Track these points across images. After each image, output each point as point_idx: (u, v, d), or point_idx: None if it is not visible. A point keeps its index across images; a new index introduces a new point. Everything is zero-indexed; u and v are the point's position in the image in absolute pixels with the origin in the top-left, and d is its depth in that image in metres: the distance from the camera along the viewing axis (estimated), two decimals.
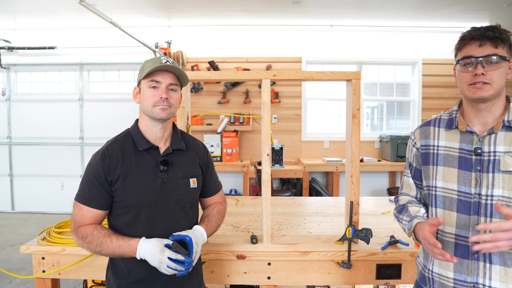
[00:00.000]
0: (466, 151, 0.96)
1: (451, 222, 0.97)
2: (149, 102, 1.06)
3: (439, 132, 1.03)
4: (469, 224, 0.94)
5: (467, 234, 0.94)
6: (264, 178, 1.39)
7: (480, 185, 0.93)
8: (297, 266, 1.42)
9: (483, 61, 0.90)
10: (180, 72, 1.09)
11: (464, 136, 0.98)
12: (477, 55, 0.91)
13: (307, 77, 1.39)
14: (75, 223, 1.05)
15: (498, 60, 0.90)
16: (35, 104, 4.52)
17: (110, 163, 1.05)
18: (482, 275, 0.92)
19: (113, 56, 4.38)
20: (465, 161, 0.96)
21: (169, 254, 0.99)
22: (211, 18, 4.10)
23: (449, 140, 1.00)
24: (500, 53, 0.90)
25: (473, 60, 0.91)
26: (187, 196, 1.11)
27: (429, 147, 1.04)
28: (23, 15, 3.99)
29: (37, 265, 1.42)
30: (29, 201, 4.54)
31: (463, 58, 0.93)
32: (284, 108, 4.43)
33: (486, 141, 0.94)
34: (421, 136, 1.07)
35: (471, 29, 0.93)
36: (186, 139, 1.19)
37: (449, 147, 0.99)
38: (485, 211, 0.92)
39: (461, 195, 0.95)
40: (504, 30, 0.92)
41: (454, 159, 0.97)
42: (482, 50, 0.90)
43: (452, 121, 1.01)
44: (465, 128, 0.97)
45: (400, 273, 1.40)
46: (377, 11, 3.81)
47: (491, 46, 0.90)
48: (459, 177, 0.96)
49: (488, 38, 0.90)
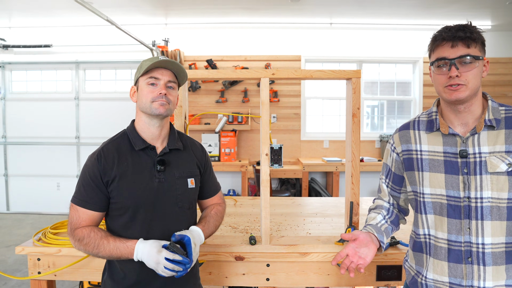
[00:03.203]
0: (451, 154, 0.94)
1: (442, 227, 0.96)
2: (147, 99, 1.04)
3: (420, 136, 1.01)
4: (460, 229, 0.93)
5: (460, 239, 0.93)
6: (263, 178, 1.38)
7: (469, 188, 0.92)
8: (296, 268, 1.41)
9: (457, 62, 0.89)
10: (178, 69, 1.08)
11: (447, 138, 0.96)
12: (450, 56, 0.90)
13: (306, 76, 1.38)
14: (71, 225, 1.04)
15: (471, 60, 0.89)
16: (30, 103, 4.48)
17: (106, 163, 1.04)
18: (477, 277, 0.92)
19: (110, 54, 4.35)
20: (451, 165, 0.94)
21: (166, 255, 0.97)
22: (209, 16, 4.08)
23: (432, 143, 0.98)
24: (473, 53, 0.89)
25: (446, 62, 0.90)
26: (185, 197, 1.10)
27: (412, 152, 1.02)
28: (19, 13, 3.96)
29: (32, 267, 1.41)
30: (25, 201, 4.51)
31: (437, 60, 0.92)
32: (283, 107, 4.41)
33: (470, 142, 0.93)
34: (401, 141, 1.05)
35: (442, 29, 0.92)
36: (184, 139, 1.18)
37: (433, 151, 0.97)
38: (476, 214, 0.91)
39: (450, 199, 0.94)
40: (475, 28, 0.91)
41: (439, 163, 0.96)
42: (455, 51, 0.89)
43: (433, 123, 0.99)
44: (447, 130, 0.95)
45: (401, 275, 1.39)
46: (377, 9, 3.80)
47: (463, 46, 0.89)
48: (447, 181, 0.94)
49: (460, 38, 0.88)
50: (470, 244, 0.92)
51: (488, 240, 0.91)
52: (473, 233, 0.91)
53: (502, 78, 4.40)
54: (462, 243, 0.93)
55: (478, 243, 0.91)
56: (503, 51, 4.40)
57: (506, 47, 4.41)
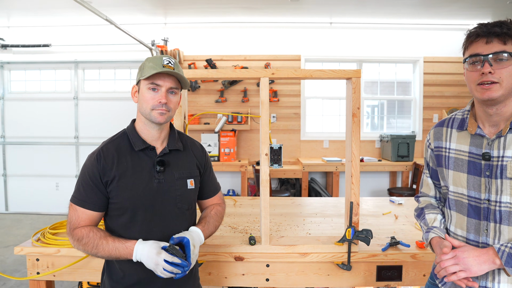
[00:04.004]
0: (475, 155, 0.94)
1: (462, 226, 0.98)
2: (147, 105, 1.04)
3: (451, 134, 1.01)
4: (479, 229, 0.94)
5: (477, 239, 0.95)
6: (263, 178, 1.37)
7: (489, 191, 0.92)
8: (296, 268, 1.41)
9: (491, 59, 0.86)
10: (181, 77, 1.06)
11: (474, 139, 0.95)
12: (484, 52, 0.87)
13: (306, 76, 1.37)
14: (70, 225, 1.04)
15: (507, 57, 0.85)
16: (29, 103, 4.47)
17: (105, 163, 1.04)
18: (491, 279, 0.93)
19: (109, 54, 4.34)
20: (474, 166, 0.94)
21: (165, 257, 0.97)
22: (209, 16, 4.07)
23: (460, 142, 0.98)
24: (509, 49, 0.85)
25: (480, 58, 0.87)
26: (184, 197, 1.10)
27: (441, 149, 1.03)
28: (17, 13, 3.95)
29: (31, 267, 1.40)
30: (23, 201, 4.50)
31: (470, 57, 0.89)
32: (283, 107, 4.40)
33: (495, 145, 0.92)
34: (434, 137, 1.06)
35: (478, 25, 0.89)
36: (184, 139, 1.17)
37: (459, 150, 0.98)
38: (494, 217, 0.92)
39: (471, 200, 0.95)
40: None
41: (463, 163, 0.96)
42: (489, 48, 0.86)
43: (464, 121, 0.99)
44: (474, 130, 0.95)
45: (401, 275, 1.39)
46: (377, 8, 3.79)
47: (499, 42, 0.85)
48: (469, 182, 0.95)
49: (495, 34, 0.85)
50: (487, 246, 0.93)
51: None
52: (491, 235, 0.92)
53: None
54: (480, 243, 0.94)
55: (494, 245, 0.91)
56: None
57: None
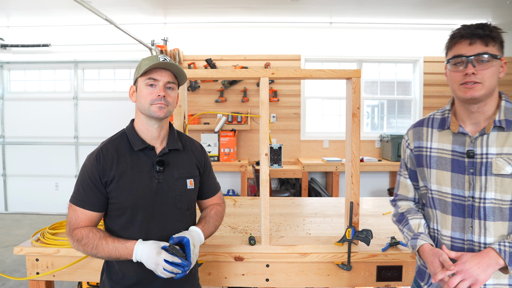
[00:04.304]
0: (459, 154, 0.96)
1: (446, 225, 0.98)
2: (146, 100, 1.04)
3: (432, 133, 1.02)
4: (464, 227, 0.95)
5: (463, 237, 0.96)
6: (263, 178, 1.37)
7: (474, 188, 0.93)
8: (296, 268, 1.41)
9: (474, 60, 0.89)
10: (178, 70, 1.07)
11: (456, 137, 0.97)
12: (467, 54, 0.89)
13: (306, 75, 1.37)
14: (70, 226, 1.04)
15: (489, 58, 0.88)
16: (28, 102, 4.46)
17: (105, 164, 1.03)
18: None
19: (109, 54, 4.33)
20: (458, 164, 0.95)
21: (165, 257, 0.97)
22: (208, 15, 4.06)
23: (442, 141, 0.99)
24: (491, 51, 0.89)
25: (463, 59, 0.90)
26: (184, 197, 1.10)
27: (422, 149, 1.03)
28: (17, 12, 3.94)
29: (31, 267, 1.40)
30: (23, 201, 4.49)
31: (454, 57, 0.92)
32: (283, 107, 4.40)
33: (478, 142, 0.93)
34: (414, 137, 1.06)
35: (461, 27, 0.92)
36: (183, 139, 1.17)
37: (442, 149, 0.99)
38: (479, 214, 0.93)
39: (455, 198, 0.96)
40: (494, 27, 0.90)
41: (447, 161, 0.97)
42: (473, 49, 0.89)
43: (445, 121, 1.00)
44: (457, 129, 0.96)
45: (401, 275, 1.39)
46: (377, 8, 3.79)
47: (481, 44, 0.88)
48: (453, 180, 0.96)
49: (478, 36, 0.88)
50: (472, 243, 0.93)
51: (491, 239, 0.92)
52: (476, 232, 0.93)
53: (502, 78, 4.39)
54: (465, 241, 0.94)
55: (480, 242, 0.92)
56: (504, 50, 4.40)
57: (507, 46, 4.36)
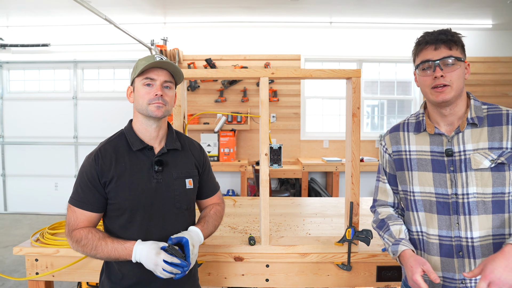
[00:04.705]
0: (438, 153, 0.99)
1: (433, 224, 1.00)
2: (143, 100, 1.04)
3: (409, 137, 1.06)
4: (450, 224, 0.98)
5: (450, 234, 0.98)
6: (262, 178, 1.37)
7: (456, 185, 0.96)
8: (296, 268, 1.40)
9: (440, 63, 0.94)
10: (174, 69, 1.07)
11: (433, 138, 1.01)
12: (433, 58, 0.95)
13: (306, 75, 1.37)
14: (69, 227, 1.04)
15: (454, 61, 0.94)
16: (28, 102, 4.46)
17: (104, 164, 1.03)
18: (468, 270, 0.96)
19: (108, 53, 4.33)
20: (438, 164, 0.99)
21: (164, 257, 0.97)
22: (208, 15, 4.06)
23: (420, 143, 1.03)
24: (455, 54, 0.94)
25: (430, 64, 0.95)
26: (183, 197, 1.09)
27: (401, 152, 1.06)
28: (16, 12, 3.94)
29: (30, 267, 1.40)
30: (22, 201, 4.49)
31: (422, 63, 0.97)
32: (283, 107, 4.40)
33: (455, 141, 0.98)
34: (391, 142, 1.09)
35: (425, 34, 0.99)
36: (182, 139, 1.17)
37: (421, 151, 1.02)
38: (463, 210, 0.96)
39: (439, 197, 0.99)
40: (455, 32, 0.97)
41: (427, 162, 1.01)
42: (438, 53, 0.95)
43: (420, 124, 1.04)
44: (433, 130, 1.00)
45: (401, 275, 1.38)
46: (377, 8, 3.79)
47: (445, 48, 0.94)
48: (435, 179, 0.99)
49: (442, 41, 0.95)
50: (460, 239, 0.96)
51: (476, 233, 0.95)
52: (462, 227, 0.96)
53: (502, 78, 4.40)
54: (453, 238, 0.97)
55: (467, 237, 0.96)
56: (504, 50, 4.39)
57: (507, 46, 4.40)
